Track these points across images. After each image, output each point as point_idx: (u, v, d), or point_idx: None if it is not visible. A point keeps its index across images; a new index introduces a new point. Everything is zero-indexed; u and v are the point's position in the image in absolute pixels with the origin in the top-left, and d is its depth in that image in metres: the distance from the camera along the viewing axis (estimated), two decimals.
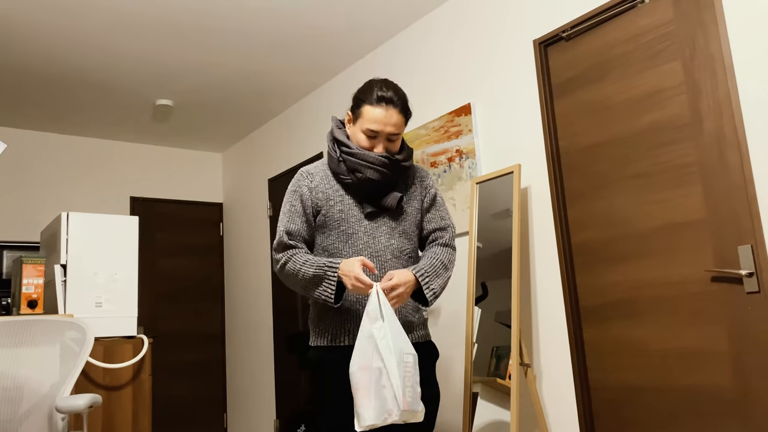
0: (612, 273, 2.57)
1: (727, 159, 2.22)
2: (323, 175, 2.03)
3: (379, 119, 1.94)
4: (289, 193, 2.04)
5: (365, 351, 1.68)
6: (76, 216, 2.84)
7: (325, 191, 2.00)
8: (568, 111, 2.79)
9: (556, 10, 2.85)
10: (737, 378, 2.16)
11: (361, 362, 1.68)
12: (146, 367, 2.85)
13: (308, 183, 2.01)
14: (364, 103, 1.97)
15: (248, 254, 5.45)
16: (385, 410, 1.65)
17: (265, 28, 3.67)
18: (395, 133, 1.97)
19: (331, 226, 1.97)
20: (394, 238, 1.99)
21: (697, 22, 2.34)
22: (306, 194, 1.99)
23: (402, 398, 1.65)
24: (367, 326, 1.72)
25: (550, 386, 2.76)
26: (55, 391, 2.24)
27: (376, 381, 1.66)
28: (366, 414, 1.65)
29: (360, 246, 1.95)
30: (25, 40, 3.62)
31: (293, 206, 2.00)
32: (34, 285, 2.71)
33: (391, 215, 2.01)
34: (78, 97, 4.48)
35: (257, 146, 5.44)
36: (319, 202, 1.99)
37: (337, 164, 1.99)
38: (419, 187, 2.11)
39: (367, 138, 1.96)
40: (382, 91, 1.95)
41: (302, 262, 1.90)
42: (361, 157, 1.94)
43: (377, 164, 1.94)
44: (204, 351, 5.59)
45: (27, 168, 5.02)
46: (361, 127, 1.97)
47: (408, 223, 2.04)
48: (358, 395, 1.67)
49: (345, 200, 1.99)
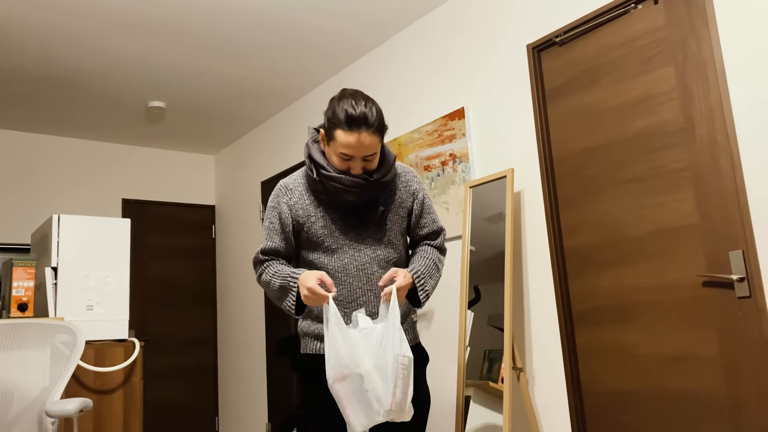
0: (604, 277, 2.58)
1: (720, 164, 2.23)
2: (303, 189, 1.99)
3: (352, 144, 1.84)
4: (269, 209, 2.02)
5: (339, 361, 1.67)
6: (68, 218, 2.82)
7: (306, 207, 1.96)
8: (561, 115, 2.80)
9: (549, 15, 2.86)
10: (728, 383, 2.17)
11: (335, 373, 1.67)
12: (137, 370, 2.83)
13: (287, 200, 1.97)
14: (336, 127, 1.87)
15: (240, 257, 5.43)
16: (372, 412, 1.67)
17: (257, 33, 3.66)
18: (371, 154, 1.89)
19: (315, 243, 1.95)
20: (379, 249, 1.97)
21: (689, 27, 2.35)
22: (285, 211, 1.97)
23: (390, 398, 1.66)
24: (335, 334, 1.69)
25: (543, 390, 2.76)
26: (45, 396, 2.22)
27: (357, 388, 1.67)
28: (355, 421, 1.67)
29: (345, 260, 1.93)
30: (19, 41, 3.60)
31: (272, 223, 2.00)
32: (24, 288, 2.69)
33: (374, 227, 1.98)
34: (71, 98, 4.46)
35: (250, 149, 5.43)
36: (300, 219, 1.96)
37: (315, 183, 1.94)
38: (404, 194, 2.04)
39: (342, 161, 1.89)
40: (352, 111, 1.83)
41: (272, 274, 1.93)
42: (339, 182, 1.88)
43: (356, 187, 1.88)
44: (195, 355, 5.56)
45: (18, 169, 4.99)
46: (335, 150, 1.89)
47: (393, 232, 2.01)
48: (342, 406, 1.68)
49: (326, 216, 1.96)
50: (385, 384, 1.67)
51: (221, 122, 5.16)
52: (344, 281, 1.92)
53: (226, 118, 5.06)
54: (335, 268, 1.93)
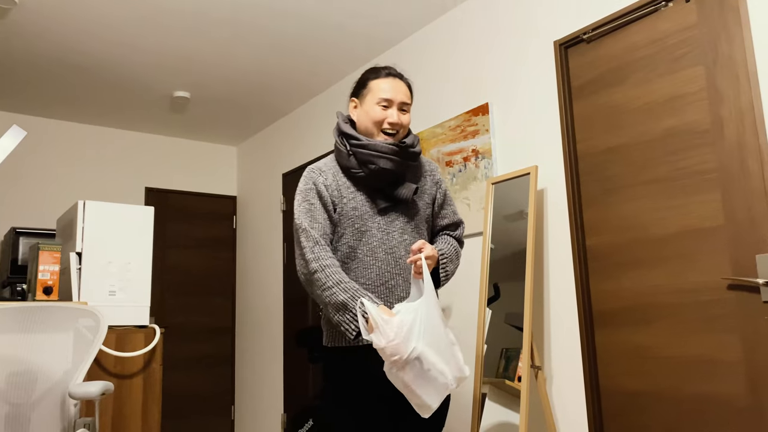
0: (626, 278, 2.55)
1: (748, 166, 2.20)
2: (334, 171, 2.00)
3: (390, 88, 1.96)
4: (303, 192, 1.97)
5: (394, 351, 1.67)
6: (93, 204, 2.86)
7: (339, 188, 1.96)
8: (586, 113, 2.78)
9: (577, 12, 2.83)
10: (750, 388, 2.14)
11: (393, 364, 1.67)
12: (157, 356, 2.87)
13: (323, 180, 1.97)
14: (370, 79, 1.99)
15: (260, 248, 5.47)
16: (440, 386, 1.70)
17: (282, 26, 3.67)
18: (406, 102, 1.99)
19: (345, 224, 1.94)
20: (407, 233, 1.97)
21: (721, 26, 2.31)
22: (323, 191, 1.95)
23: (451, 368, 1.71)
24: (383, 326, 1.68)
25: (560, 389, 2.75)
26: (68, 378, 2.26)
27: (419, 370, 1.67)
28: (429, 399, 1.69)
29: (374, 243, 1.92)
30: (46, 29, 3.65)
31: (312, 204, 1.94)
32: (50, 272, 2.73)
33: (403, 210, 1.98)
34: (97, 87, 4.52)
35: (272, 140, 5.45)
36: (335, 199, 1.95)
37: (347, 158, 1.96)
38: (429, 182, 2.09)
39: (381, 109, 1.96)
40: (386, 68, 2.01)
41: (335, 281, 1.81)
42: (372, 148, 1.92)
43: (389, 153, 1.92)
44: (213, 343, 5.62)
45: (45, 156, 5.07)
46: (373, 101, 1.96)
47: (419, 218, 2.02)
48: (410, 390, 1.68)
49: (357, 197, 1.96)
50: (441, 357, 1.69)
51: (244, 113, 5.19)
52: (372, 265, 1.91)
53: (249, 109, 5.09)
54: (363, 251, 1.91)
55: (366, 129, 1.99)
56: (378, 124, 1.96)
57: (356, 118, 2.03)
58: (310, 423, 3.42)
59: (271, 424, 5.01)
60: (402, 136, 2.01)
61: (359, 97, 2.03)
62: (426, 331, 1.68)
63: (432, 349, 1.68)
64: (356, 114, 2.03)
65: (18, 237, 4.33)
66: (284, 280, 5.02)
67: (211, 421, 5.48)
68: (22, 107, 4.86)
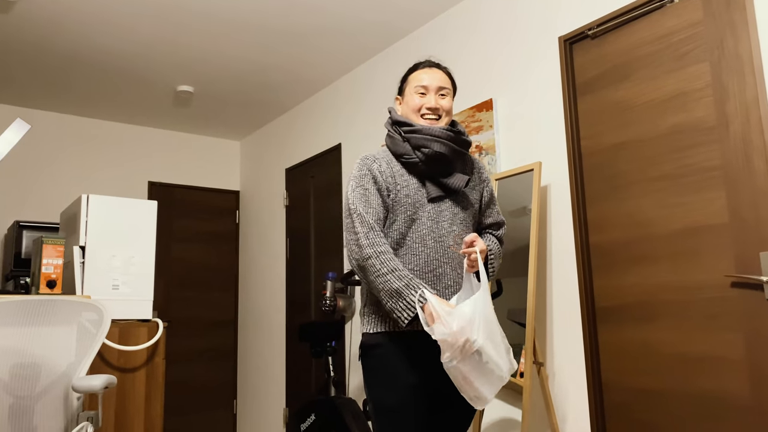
0: (630, 275, 2.55)
1: (753, 163, 2.19)
2: (387, 159, 2.01)
3: (427, 75, 2.02)
4: (358, 178, 1.96)
5: (454, 345, 1.69)
6: (96, 198, 2.86)
7: (393, 175, 1.97)
8: (591, 110, 2.77)
9: (582, 8, 2.82)
10: (753, 385, 2.14)
11: (453, 356, 1.69)
12: (160, 350, 2.88)
13: (377, 167, 1.97)
14: (410, 72, 2.07)
15: (263, 243, 5.47)
16: (495, 379, 1.73)
17: (286, 20, 3.67)
18: (444, 87, 2.03)
19: (398, 211, 1.94)
20: (455, 224, 1.98)
21: (727, 23, 2.30)
22: (378, 176, 1.95)
23: (505, 361, 1.74)
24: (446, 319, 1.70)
25: (563, 386, 2.75)
26: (71, 371, 2.27)
27: (477, 362, 1.70)
28: (485, 391, 1.72)
29: (424, 231, 1.93)
30: (50, 23, 3.65)
31: (366, 189, 1.94)
32: (53, 265, 2.74)
33: (454, 201, 2.00)
34: (100, 80, 4.52)
35: (276, 135, 5.45)
36: (389, 185, 1.96)
37: (402, 144, 1.99)
38: (478, 179, 2.12)
39: (419, 96, 2.01)
40: (425, 62, 2.08)
41: (390, 269, 1.82)
42: (426, 132, 1.95)
43: (443, 137, 1.94)
44: (216, 337, 5.63)
45: (48, 149, 5.07)
46: (411, 91, 2.03)
47: (468, 212, 2.04)
48: (467, 381, 1.71)
49: (411, 184, 1.97)
50: (497, 350, 1.72)
51: (248, 108, 5.19)
52: (421, 252, 1.92)
53: (252, 104, 5.09)
54: (413, 239, 1.92)
55: (411, 119, 2.03)
56: (417, 109, 2.01)
57: (401, 112, 2.09)
58: (312, 417, 3.42)
59: (274, 418, 5.02)
60: (447, 122, 2.04)
61: (401, 93, 2.10)
62: (484, 324, 1.70)
63: (490, 342, 1.71)
64: (401, 110, 2.09)
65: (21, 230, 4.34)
66: (287, 275, 5.03)
67: (214, 415, 5.50)
68: (26, 101, 4.86)
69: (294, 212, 5.06)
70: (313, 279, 4.71)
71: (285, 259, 5.08)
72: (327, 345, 3.65)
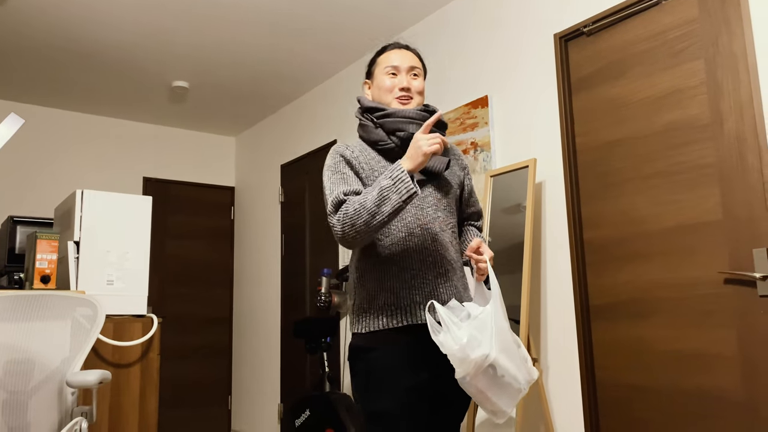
0: (624, 272, 2.56)
1: (747, 161, 2.20)
2: (361, 147, 1.91)
3: (397, 56, 1.94)
4: (332, 165, 1.86)
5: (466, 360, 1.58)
6: (91, 194, 2.86)
7: (368, 162, 1.87)
8: (586, 107, 2.77)
9: (577, 5, 2.82)
10: (745, 382, 2.15)
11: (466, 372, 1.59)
12: (155, 346, 2.87)
13: (350, 153, 1.88)
14: (379, 54, 1.99)
15: (258, 239, 5.47)
16: (513, 392, 1.65)
17: (281, 16, 3.66)
18: (415, 66, 1.94)
19: None
20: (440, 210, 1.88)
21: (722, 21, 2.31)
22: (352, 161, 1.86)
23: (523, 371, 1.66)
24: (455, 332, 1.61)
25: (557, 382, 2.76)
26: (65, 366, 2.26)
27: (492, 376, 1.61)
28: (503, 406, 1.64)
29: (408, 218, 1.83)
30: (44, 16, 3.63)
31: (343, 174, 1.83)
32: (47, 260, 2.73)
33: (436, 186, 1.91)
34: (95, 76, 4.50)
35: (271, 132, 5.44)
36: (364, 173, 1.86)
37: (375, 131, 1.90)
38: (458, 166, 2.03)
39: (389, 78, 1.92)
40: (392, 43, 2.01)
41: (363, 196, 1.70)
42: (400, 114, 1.86)
43: (417, 118, 1.86)
44: (211, 334, 5.63)
45: (42, 144, 5.05)
46: (381, 72, 1.94)
47: (451, 196, 1.94)
48: (484, 396, 1.62)
49: None
50: (513, 362, 1.64)
51: (243, 104, 5.18)
52: (408, 241, 1.82)
53: (248, 100, 5.08)
54: (397, 228, 1.82)
55: (380, 102, 1.95)
56: (389, 90, 1.92)
57: (371, 96, 2.00)
58: (307, 413, 3.43)
59: (268, 414, 5.02)
60: (420, 102, 1.96)
61: (370, 76, 2.01)
62: (497, 337, 1.61)
63: (504, 354, 1.61)
64: (371, 93, 2.00)
65: (15, 226, 4.32)
66: (282, 271, 5.02)
67: (209, 410, 5.50)
68: (20, 95, 4.84)
69: (289, 208, 5.05)
70: (308, 275, 4.71)
71: (280, 255, 5.08)
72: (322, 341, 3.66)
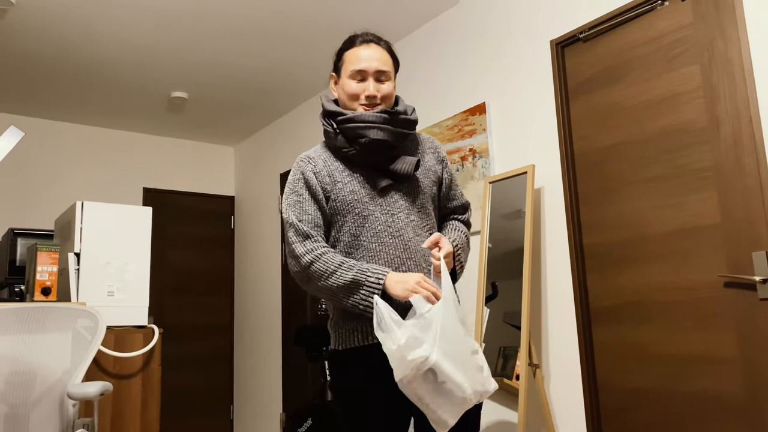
0: (623, 276, 2.56)
1: (744, 164, 2.21)
2: (324, 157, 1.81)
3: (362, 57, 1.79)
4: (291, 183, 1.80)
5: (403, 361, 1.49)
6: (91, 205, 2.86)
7: (331, 174, 1.78)
8: (583, 112, 2.78)
9: (573, 11, 2.84)
10: (747, 385, 2.15)
11: (403, 375, 1.50)
12: (156, 356, 2.87)
13: (312, 167, 1.78)
14: (345, 51, 1.84)
15: (258, 247, 5.47)
16: (458, 400, 1.52)
17: (279, 25, 3.68)
18: (383, 71, 1.80)
19: (344, 211, 1.75)
20: (413, 213, 1.78)
21: (717, 25, 2.32)
22: (312, 179, 1.77)
23: (471, 381, 1.53)
24: (394, 332, 1.51)
25: (559, 387, 2.76)
26: (66, 378, 2.26)
27: (432, 382, 1.51)
28: (445, 415, 1.52)
29: (379, 227, 1.73)
30: (43, 28, 3.65)
31: (300, 195, 1.76)
32: (48, 272, 2.74)
33: (406, 189, 1.80)
34: (95, 87, 4.51)
35: (270, 141, 5.46)
36: (327, 186, 1.76)
37: (335, 138, 1.79)
38: (434, 159, 1.91)
39: (355, 82, 1.79)
40: (361, 35, 1.84)
41: (337, 264, 1.66)
42: (359, 119, 1.74)
43: (378, 122, 1.74)
44: (212, 343, 5.62)
45: (42, 156, 5.06)
46: (345, 75, 1.81)
47: (425, 196, 1.83)
48: (424, 404, 1.53)
49: (354, 179, 1.77)
50: (459, 368, 1.52)
51: (242, 114, 5.19)
52: (380, 251, 1.72)
53: (246, 109, 5.09)
54: (368, 238, 1.73)
55: (345, 106, 1.84)
56: (354, 98, 1.80)
57: (338, 95, 1.87)
58: (309, 422, 3.42)
59: (270, 423, 5.01)
60: (388, 105, 1.83)
61: (336, 69, 1.87)
62: (442, 339, 1.50)
63: (448, 358, 1.50)
64: (338, 91, 1.87)
65: (16, 238, 4.33)
66: (282, 279, 5.02)
67: (210, 420, 5.48)
68: (20, 108, 4.86)
69: None
70: None
71: (280, 263, 5.08)
72: (323, 349, 3.66)
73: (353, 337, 1.73)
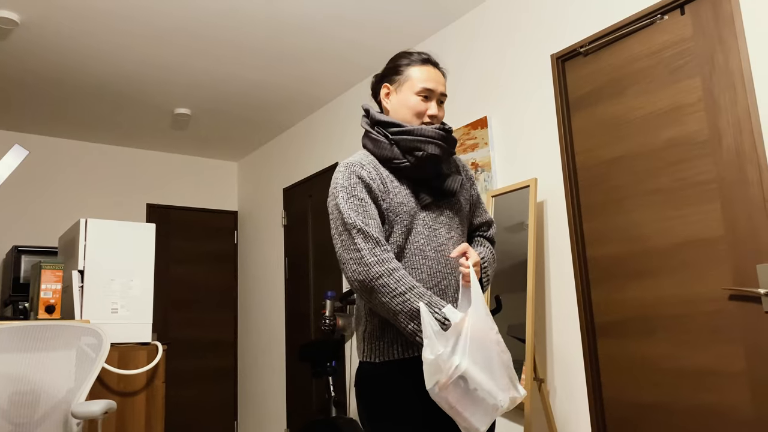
0: (628, 289, 2.55)
1: (747, 176, 2.21)
2: (374, 164, 1.79)
3: (432, 77, 1.82)
4: (348, 187, 1.74)
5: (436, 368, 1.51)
6: (95, 222, 2.87)
7: (383, 181, 1.76)
8: (585, 126, 2.79)
9: (574, 26, 2.86)
10: (754, 398, 2.13)
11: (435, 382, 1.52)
12: (160, 373, 2.87)
13: (367, 173, 1.75)
14: (408, 66, 1.84)
15: (262, 262, 5.47)
16: (489, 408, 1.53)
17: (281, 42, 3.70)
18: (445, 94, 1.86)
19: (393, 221, 1.73)
20: (453, 230, 1.81)
21: (717, 38, 2.33)
22: (371, 184, 1.74)
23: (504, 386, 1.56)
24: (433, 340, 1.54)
25: (564, 401, 2.74)
26: (70, 396, 2.26)
27: (463, 389, 1.51)
28: (476, 423, 1.53)
29: (422, 241, 1.74)
30: (47, 47, 3.68)
31: (362, 199, 1.71)
32: (52, 290, 2.74)
33: (447, 206, 1.83)
34: (98, 104, 4.54)
35: (273, 156, 5.47)
36: (382, 194, 1.74)
37: (390, 148, 1.78)
38: (465, 178, 1.95)
39: (422, 99, 1.81)
40: (421, 54, 1.86)
41: (407, 287, 1.62)
42: (419, 133, 1.76)
43: (437, 138, 1.76)
44: (216, 358, 5.61)
45: (46, 174, 5.09)
46: (412, 90, 1.82)
47: (462, 214, 1.86)
48: (455, 412, 1.53)
49: (402, 190, 1.77)
50: (490, 375, 1.54)
51: (245, 129, 5.22)
52: (423, 264, 1.73)
53: (249, 125, 5.12)
54: (411, 251, 1.73)
55: (403, 120, 1.84)
56: (419, 115, 1.81)
57: (390, 107, 1.87)
58: None
59: None
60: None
61: (394, 84, 1.87)
62: (472, 347, 1.52)
63: (478, 366, 1.52)
64: (390, 103, 1.87)
65: (20, 255, 4.34)
66: (286, 294, 5.02)
67: None
68: (24, 126, 4.89)
69: (292, 231, 5.07)
70: (312, 298, 4.70)
71: (284, 278, 5.08)
72: (327, 365, 3.64)
73: (392, 350, 1.71)
